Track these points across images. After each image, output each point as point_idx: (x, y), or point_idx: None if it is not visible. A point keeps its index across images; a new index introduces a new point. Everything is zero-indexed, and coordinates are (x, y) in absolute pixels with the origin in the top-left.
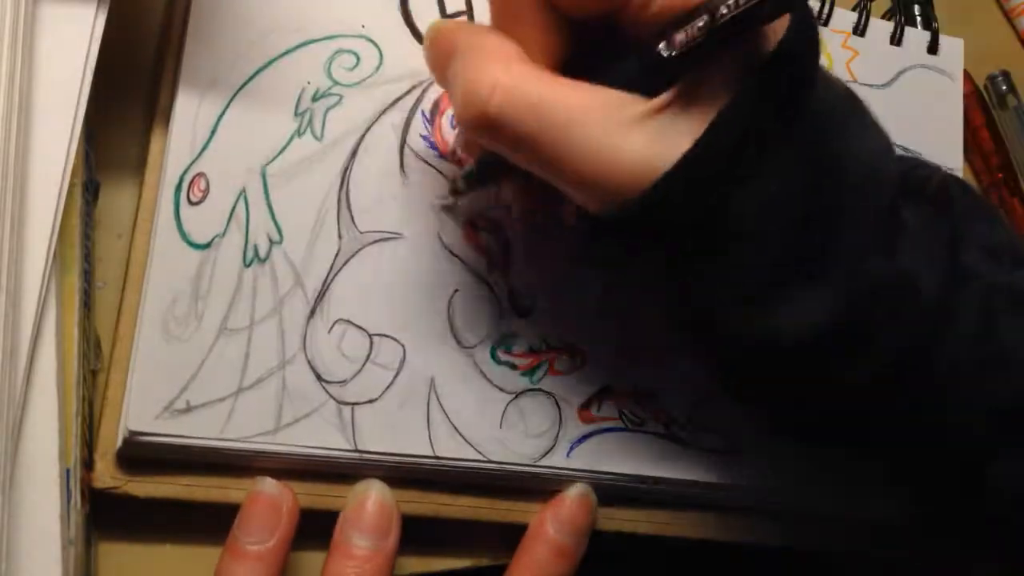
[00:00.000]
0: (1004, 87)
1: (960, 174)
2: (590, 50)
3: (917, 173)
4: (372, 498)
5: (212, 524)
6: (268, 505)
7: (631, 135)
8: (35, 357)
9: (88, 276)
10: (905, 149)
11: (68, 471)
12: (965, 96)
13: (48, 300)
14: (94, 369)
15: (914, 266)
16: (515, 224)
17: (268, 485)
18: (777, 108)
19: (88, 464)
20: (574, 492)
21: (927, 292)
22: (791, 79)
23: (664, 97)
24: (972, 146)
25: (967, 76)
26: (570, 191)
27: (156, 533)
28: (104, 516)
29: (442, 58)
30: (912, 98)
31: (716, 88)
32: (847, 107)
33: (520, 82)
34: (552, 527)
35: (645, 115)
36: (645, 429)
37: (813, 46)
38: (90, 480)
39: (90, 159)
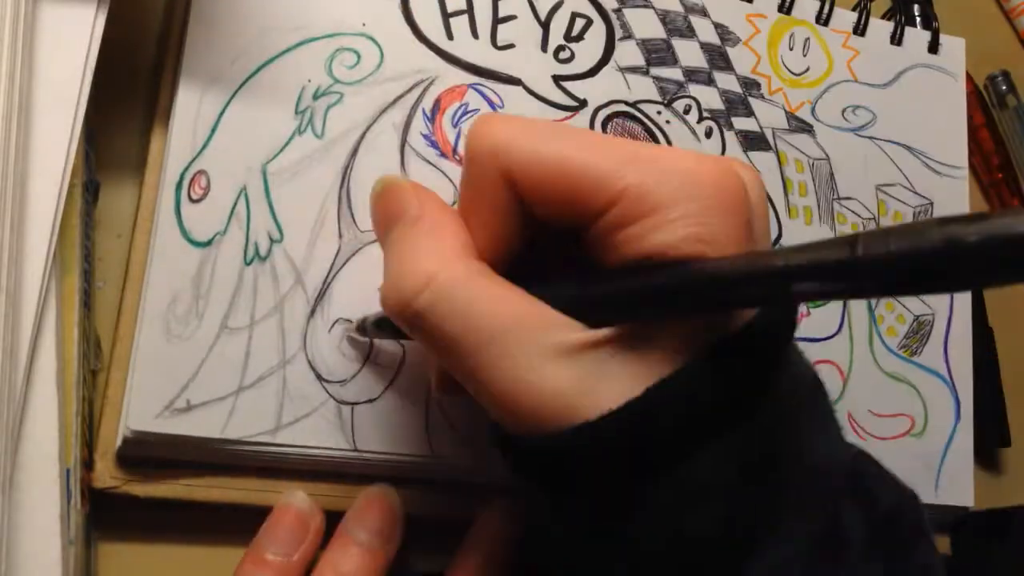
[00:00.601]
0: (1004, 87)
1: (964, 172)
2: (540, 251)
3: (869, 486)
4: (386, 501)
5: (212, 524)
6: (297, 519)
7: (557, 364)
8: (35, 357)
9: (88, 276)
10: (909, 148)
11: (68, 471)
12: (965, 95)
13: (48, 300)
14: (94, 369)
15: None
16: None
17: (299, 499)
18: (728, 391)
19: (88, 464)
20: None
21: None
22: (753, 362)
23: (603, 333)
24: (972, 146)
25: (967, 76)
26: (480, 398)
27: (156, 533)
28: (104, 516)
29: (386, 218)
30: (913, 98)
31: (665, 345)
32: (809, 397)
33: (455, 282)
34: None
35: (577, 347)
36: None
37: (788, 328)
38: (90, 480)
39: (90, 159)
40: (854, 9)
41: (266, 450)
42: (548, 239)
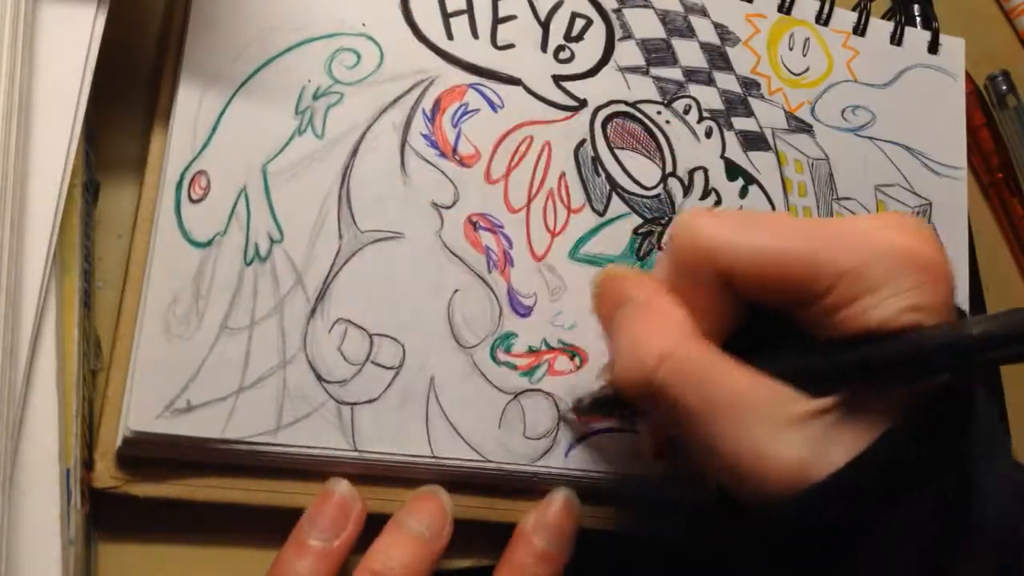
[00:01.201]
0: (1004, 87)
1: (963, 173)
2: (757, 329)
3: None
4: (438, 498)
5: (212, 524)
6: (339, 505)
7: (792, 432)
8: (35, 357)
9: (88, 276)
10: (908, 149)
11: (68, 471)
12: (965, 96)
13: (48, 300)
14: (94, 369)
15: None
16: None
17: (343, 487)
18: (934, 443)
19: (88, 464)
20: (559, 497)
21: None
22: (952, 415)
23: (826, 402)
24: (972, 146)
25: (967, 76)
26: (713, 466)
27: (156, 533)
28: (104, 516)
29: (610, 304)
30: (913, 98)
31: (879, 408)
32: (991, 448)
33: (690, 357)
34: (535, 534)
35: (805, 416)
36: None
37: (978, 388)
38: (90, 480)
39: (90, 159)
40: (854, 9)
41: (266, 450)
42: (759, 317)
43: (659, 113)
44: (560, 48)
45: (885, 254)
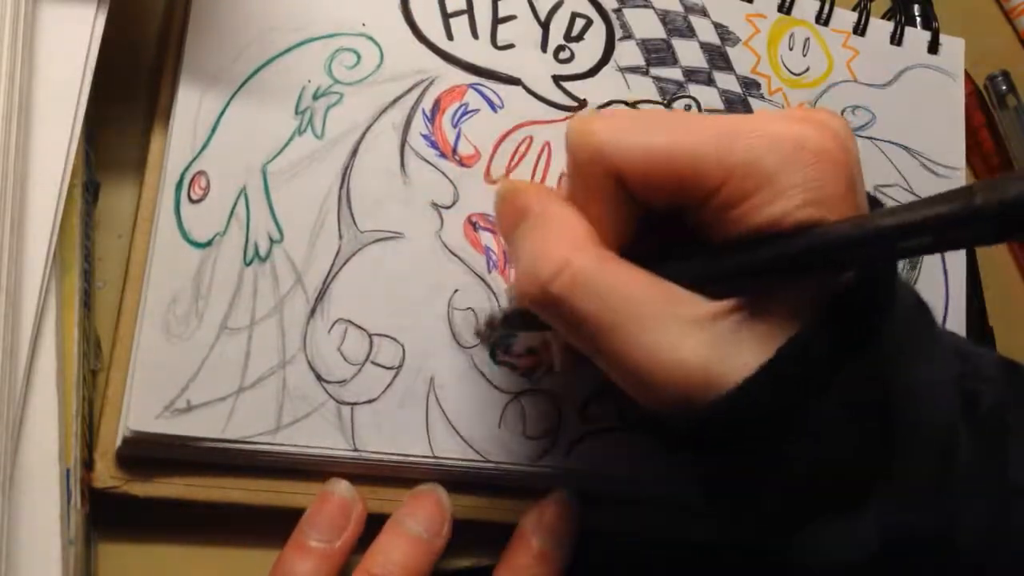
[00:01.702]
0: (1004, 87)
1: (961, 174)
2: (652, 238)
3: (973, 387)
4: (436, 497)
5: (212, 524)
6: (339, 506)
7: (694, 336)
8: (35, 357)
9: (88, 276)
10: (907, 149)
11: (68, 471)
12: (965, 96)
13: (48, 300)
14: (94, 369)
15: (959, 508)
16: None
17: (342, 488)
18: (848, 341)
19: (88, 464)
20: (557, 498)
21: (967, 545)
22: (867, 313)
23: (726, 304)
24: (972, 146)
25: (967, 76)
26: (618, 377)
27: (156, 533)
28: (104, 516)
29: (512, 216)
30: (913, 98)
31: (785, 309)
32: (917, 325)
33: (588, 266)
34: (534, 535)
35: (706, 318)
36: (644, 429)
37: (893, 281)
38: (90, 480)
39: (90, 159)
40: (854, 9)
41: (266, 450)
42: (655, 222)
43: None
44: (560, 48)
45: (776, 146)
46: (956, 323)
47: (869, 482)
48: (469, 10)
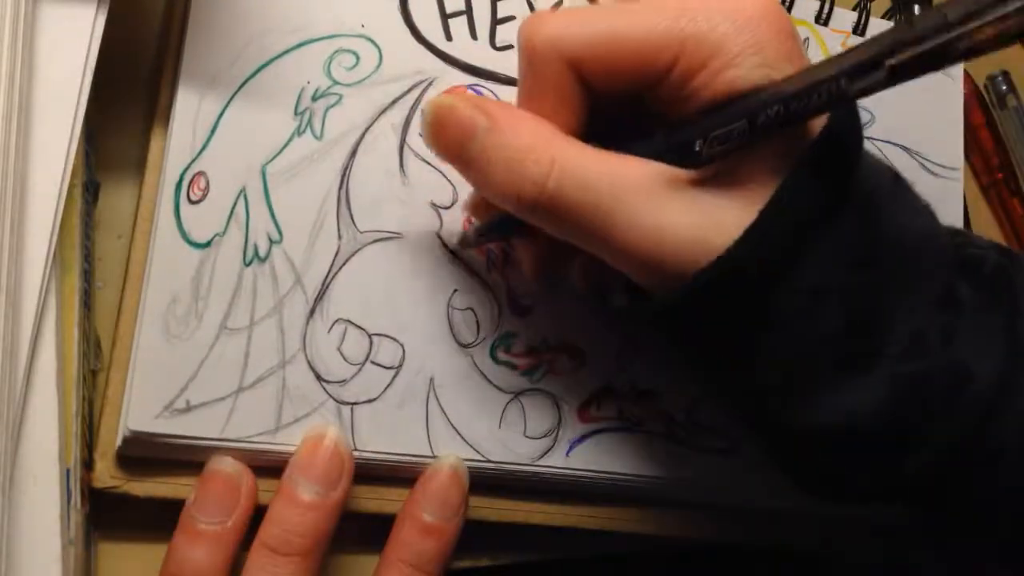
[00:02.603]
0: (1004, 87)
1: (960, 174)
2: (611, 124)
3: (971, 252)
4: (325, 444)
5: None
6: (226, 484)
7: (678, 204)
8: (35, 357)
9: (88, 276)
10: (906, 149)
11: (68, 471)
12: (965, 96)
13: (48, 300)
14: (94, 369)
15: (969, 354)
16: (525, 279)
17: (226, 464)
18: (827, 189)
19: (88, 464)
20: (444, 467)
21: (981, 381)
22: (839, 160)
23: (705, 170)
24: (972, 146)
25: (967, 76)
26: (616, 262)
27: (156, 533)
28: (104, 516)
29: (455, 134)
30: (912, 97)
31: (760, 167)
32: (893, 187)
33: (573, 158)
34: (421, 508)
35: (689, 185)
36: (644, 429)
37: (857, 126)
38: (90, 480)
39: (90, 159)
40: (854, 9)
41: (266, 450)
42: (609, 111)
43: None
44: None
45: (722, 16)
46: None
47: (873, 339)
48: (468, 11)
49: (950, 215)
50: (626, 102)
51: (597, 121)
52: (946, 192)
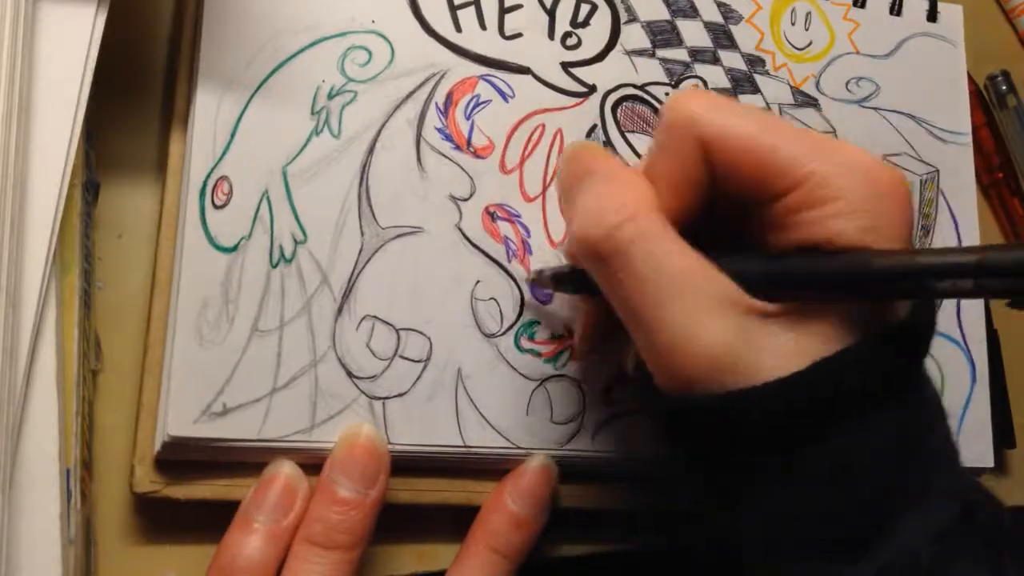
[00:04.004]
0: (1004, 87)
1: (969, 139)
2: (710, 225)
3: (974, 496)
4: (361, 443)
5: (212, 524)
6: (285, 487)
7: (723, 319)
8: (35, 357)
9: (88, 276)
10: (912, 117)
11: (68, 471)
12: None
13: (48, 300)
14: (94, 369)
15: None
16: (575, 343)
17: (287, 467)
18: (885, 375)
19: (88, 464)
20: (535, 464)
21: None
22: (912, 346)
23: (767, 305)
24: (972, 146)
25: (968, 76)
26: (647, 352)
27: (156, 533)
28: (104, 517)
29: (576, 174)
30: (915, 66)
31: (829, 326)
32: (940, 401)
33: (653, 227)
34: (510, 499)
35: (744, 309)
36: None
37: (933, 323)
38: (131, 484)
39: (90, 159)
40: None
41: (302, 448)
42: (720, 214)
43: (667, 94)
44: (567, 35)
45: (857, 169)
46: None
47: (869, 535)
48: (476, 1)
49: (962, 180)
50: (731, 208)
51: (702, 219)
52: (957, 157)
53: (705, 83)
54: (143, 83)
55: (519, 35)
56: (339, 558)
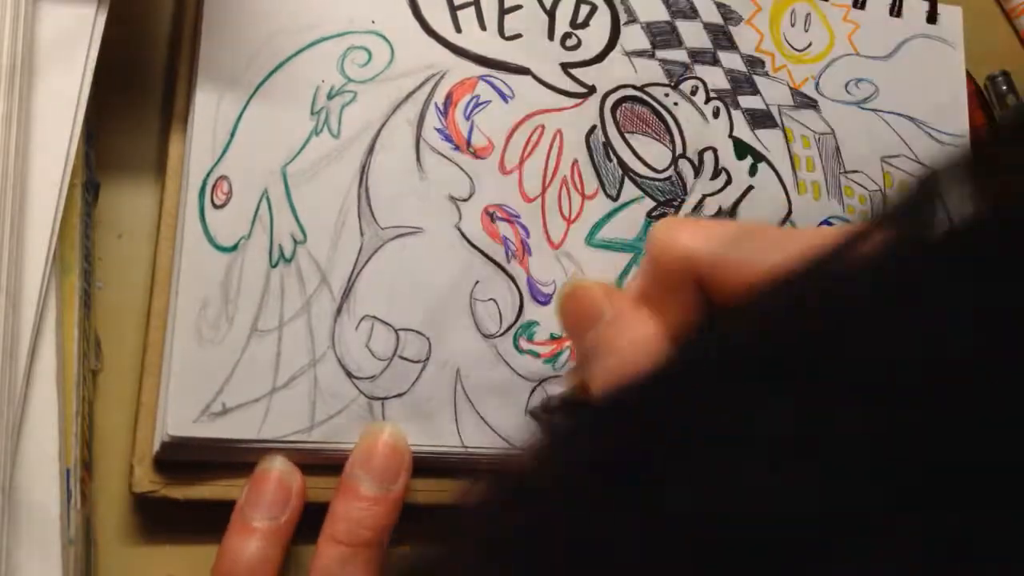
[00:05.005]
0: (1004, 87)
1: (966, 142)
2: None
3: None
4: (383, 440)
5: (212, 524)
6: (278, 483)
7: None
8: (35, 357)
9: (88, 276)
10: (911, 119)
11: (68, 471)
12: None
13: (48, 300)
14: (94, 369)
15: None
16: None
17: (279, 463)
18: None
19: (88, 464)
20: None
21: None
22: None
23: None
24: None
25: (968, 76)
26: None
27: (155, 533)
28: (104, 517)
29: (578, 318)
30: (914, 68)
31: None
32: None
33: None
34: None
35: None
36: None
37: None
38: (130, 484)
39: (90, 159)
40: None
41: (301, 448)
42: None
43: (667, 95)
44: (567, 35)
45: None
46: None
47: None
48: (476, 2)
49: None
50: None
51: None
52: None
53: (705, 84)
54: (143, 83)
55: (519, 36)
56: (365, 555)
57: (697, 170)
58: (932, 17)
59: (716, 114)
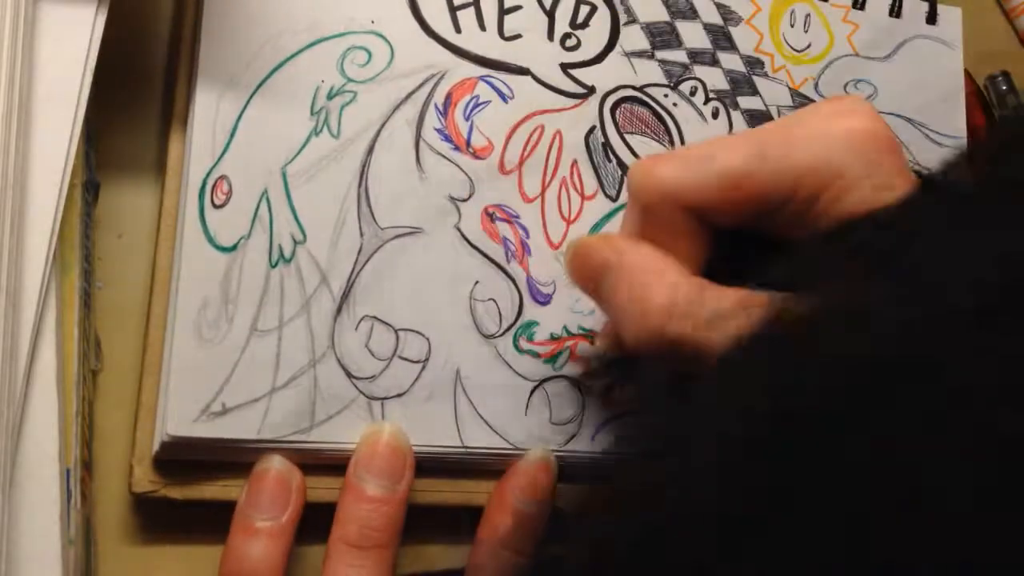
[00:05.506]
0: (1004, 87)
1: (964, 143)
2: (729, 253)
3: None
4: (384, 440)
5: (212, 524)
6: (277, 482)
7: None
8: (35, 357)
9: (88, 276)
10: (909, 120)
11: (68, 471)
12: (966, 96)
13: (48, 300)
14: (94, 369)
15: None
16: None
17: (277, 462)
18: None
19: (88, 464)
20: (534, 457)
21: None
22: None
23: None
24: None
25: (968, 76)
26: None
27: (155, 533)
28: (104, 517)
29: (588, 275)
30: (913, 69)
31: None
32: None
33: (688, 299)
34: (513, 495)
35: None
36: None
37: None
38: (129, 484)
39: (90, 159)
40: None
41: (301, 448)
42: (724, 248)
43: (666, 96)
44: (566, 36)
45: (833, 142)
46: None
47: None
48: (475, 2)
49: None
50: (744, 235)
51: (722, 242)
52: None
53: (704, 85)
54: (143, 83)
55: (518, 36)
56: (377, 556)
57: None
58: (932, 18)
59: (715, 115)
